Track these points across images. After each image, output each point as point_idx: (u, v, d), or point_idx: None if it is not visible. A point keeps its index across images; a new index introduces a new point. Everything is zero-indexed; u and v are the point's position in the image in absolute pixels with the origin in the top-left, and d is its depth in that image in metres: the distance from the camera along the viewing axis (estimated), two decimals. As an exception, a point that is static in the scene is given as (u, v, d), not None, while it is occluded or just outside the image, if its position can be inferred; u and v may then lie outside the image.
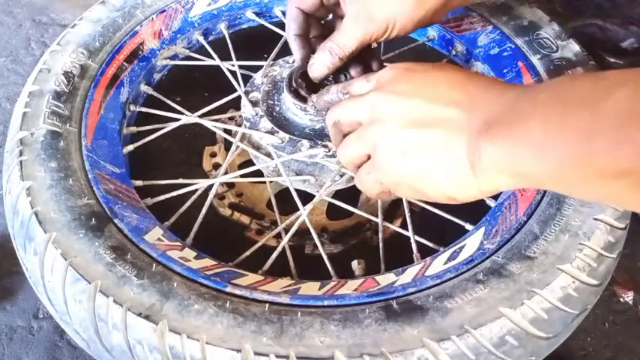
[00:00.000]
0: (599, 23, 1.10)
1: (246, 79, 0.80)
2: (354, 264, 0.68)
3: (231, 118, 0.90)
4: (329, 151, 0.68)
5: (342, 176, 0.71)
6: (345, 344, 0.50)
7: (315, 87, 0.74)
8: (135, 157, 0.78)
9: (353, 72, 0.65)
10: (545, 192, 0.62)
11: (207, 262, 0.60)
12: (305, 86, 0.69)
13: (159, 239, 0.61)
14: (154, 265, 0.56)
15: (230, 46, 0.89)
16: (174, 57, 0.89)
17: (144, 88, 0.84)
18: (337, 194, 0.78)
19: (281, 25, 0.94)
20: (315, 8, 0.64)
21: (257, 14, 0.95)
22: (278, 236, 0.71)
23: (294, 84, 0.67)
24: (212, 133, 0.90)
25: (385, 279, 0.59)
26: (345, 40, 0.58)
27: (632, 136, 0.31)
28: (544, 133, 0.36)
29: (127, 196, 0.66)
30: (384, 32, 0.58)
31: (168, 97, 0.84)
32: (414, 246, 0.65)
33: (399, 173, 0.46)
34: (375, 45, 0.81)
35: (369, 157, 0.50)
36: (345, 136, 0.52)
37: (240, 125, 0.77)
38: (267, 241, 0.69)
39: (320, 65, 0.61)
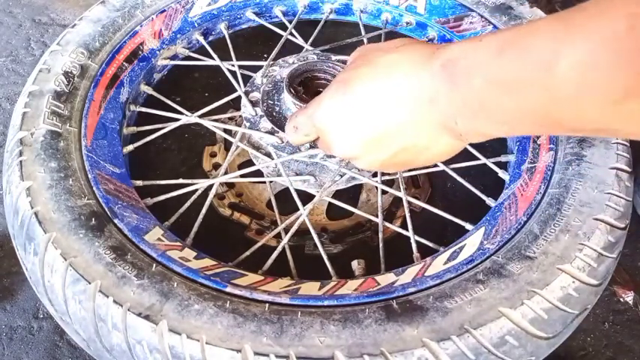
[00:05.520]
0: None
1: (246, 79, 0.80)
2: (354, 264, 0.68)
3: (231, 118, 0.90)
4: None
5: (342, 176, 0.71)
6: (345, 344, 0.50)
7: (312, 88, 0.74)
8: (135, 157, 0.78)
9: None
10: (545, 192, 0.62)
11: (207, 262, 0.60)
12: (303, 91, 0.70)
13: (159, 239, 0.61)
14: (154, 265, 0.56)
15: (230, 46, 0.89)
16: (174, 57, 0.89)
17: (144, 88, 0.84)
18: (337, 194, 0.78)
19: (281, 25, 0.94)
20: None
21: (257, 14, 0.95)
22: (278, 236, 0.71)
23: (294, 84, 0.68)
24: (212, 133, 0.90)
25: (385, 279, 0.59)
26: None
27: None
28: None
29: (127, 196, 0.66)
30: None
31: (169, 97, 0.84)
32: (414, 246, 0.65)
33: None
34: None
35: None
36: None
37: (240, 125, 0.77)
38: (267, 241, 0.69)
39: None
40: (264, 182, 0.81)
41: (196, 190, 0.71)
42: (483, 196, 0.71)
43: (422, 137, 0.46)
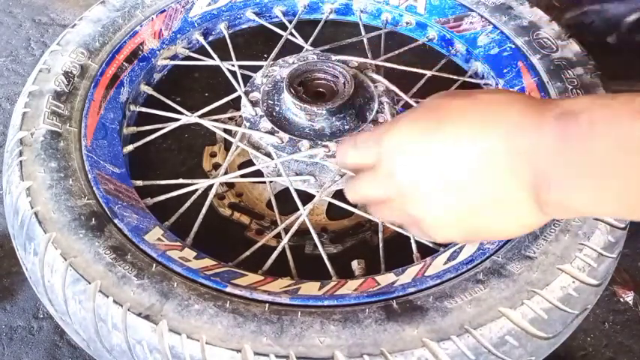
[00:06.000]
0: (596, 8, 1.09)
1: (246, 79, 0.80)
2: (354, 264, 0.68)
3: (231, 118, 0.90)
4: (329, 151, 0.68)
5: (342, 176, 0.71)
6: (345, 344, 0.50)
7: (312, 88, 0.74)
8: (135, 157, 0.78)
9: None
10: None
11: (207, 262, 0.60)
12: (303, 91, 0.70)
13: (159, 239, 0.61)
14: (154, 265, 0.56)
15: (230, 46, 0.89)
16: (174, 57, 0.89)
17: (144, 88, 0.84)
18: (337, 194, 0.78)
19: (281, 25, 0.94)
20: None
21: (257, 14, 0.95)
22: (278, 236, 0.71)
23: (294, 84, 0.68)
24: (212, 133, 0.90)
25: (385, 279, 0.59)
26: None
27: None
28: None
29: (127, 196, 0.66)
30: None
31: (169, 97, 0.84)
32: (414, 246, 0.65)
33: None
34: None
35: None
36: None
37: (240, 125, 0.77)
38: (267, 241, 0.69)
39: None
40: (264, 182, 0.81)
41: (196, 190, 0.71)
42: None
43: (502, 195, 0.39)
